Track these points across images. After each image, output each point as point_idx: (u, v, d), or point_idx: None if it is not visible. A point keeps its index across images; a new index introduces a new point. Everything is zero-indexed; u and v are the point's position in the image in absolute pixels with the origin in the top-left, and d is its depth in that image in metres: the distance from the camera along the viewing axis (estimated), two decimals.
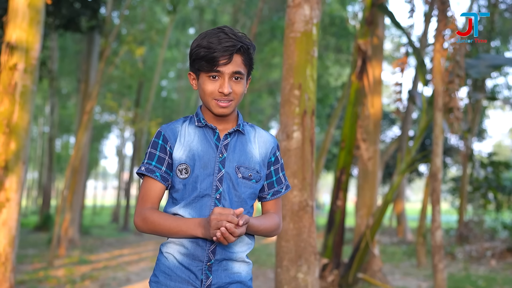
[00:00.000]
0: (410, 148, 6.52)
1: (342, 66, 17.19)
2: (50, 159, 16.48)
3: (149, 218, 1.63)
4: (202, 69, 1.64)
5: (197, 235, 1.59)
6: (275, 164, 1.78)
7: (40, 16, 4.33)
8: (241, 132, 1.73)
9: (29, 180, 34.02)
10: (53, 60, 14.83)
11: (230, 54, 1.61)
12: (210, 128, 1.70)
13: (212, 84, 1.64)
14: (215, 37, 1.62)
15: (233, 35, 1.63)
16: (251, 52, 1.68)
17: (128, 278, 7.25)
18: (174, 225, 1.61)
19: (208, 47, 1.61)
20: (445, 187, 16.88)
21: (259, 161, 1.73)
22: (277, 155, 1.79)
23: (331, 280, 5.93)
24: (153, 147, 1.69)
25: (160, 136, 1.69)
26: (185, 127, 1.71)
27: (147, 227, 1.64)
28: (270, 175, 1.77)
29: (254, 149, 1.74)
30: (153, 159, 1.67)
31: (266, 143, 1.77)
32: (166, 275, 1.65)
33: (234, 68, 1.63)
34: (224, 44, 1.60)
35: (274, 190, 1.78)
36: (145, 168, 1.66)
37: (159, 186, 1.66)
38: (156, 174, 1.65)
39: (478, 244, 10.75)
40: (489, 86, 15.48)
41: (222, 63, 1.61)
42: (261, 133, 1.79)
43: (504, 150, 40.90)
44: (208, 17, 18.17)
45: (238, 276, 1.68)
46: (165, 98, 22.84)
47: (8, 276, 4.01)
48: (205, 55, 1.61)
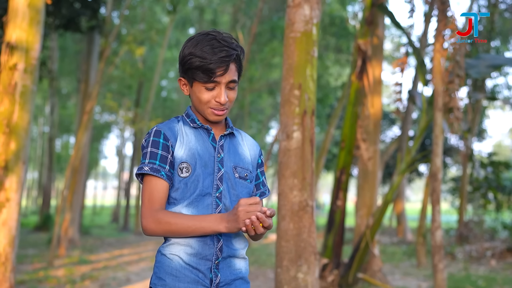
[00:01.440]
0: (410, 148, 6.52)
1: (342, 66, 17.19)
2: (50, 159, 16.49)
3: (164, 219, 1.58)
4: (198, 79, 1.63)
5: (220, 230, 1.55)
6: (261, 167, 1.84)
7: (40, 16, 4.33)
8: (233, 135, 1.77)
9: (29, 180, 34.03)
10: (53, 60, 14.83)
11: (227, 65, 1.61)
12: (205, 129, 1.72)
13: (208, 93, 1.65)
14: (208, 46, 1.60)
15: (225, 42, 1.62)
16: (242, 57, 1.69)
17: (128, 278, 7.25)
18: (191, 223, 1.57)
19: (202, 57, 1.59)
20: (445, 187, 16.88)
21: (251, 162, 1.78)
22: (262, 158, 1.86)
23: (331, 280, 5.93)
24: (154, 147, 1.64)
25: (161, 135, 1.66)
26: (181, 127, 1.72)
27: (161, 229, 1.58)
28: (257, 177, 1.82)
29: (245, 151, 1.78)
30: (156, 158, 1.63)
31: (253, 145, 1.83)
32: (173, 276, 1.61)
33: (230, 77, 1.64)
34: (219, 54, 1.59)
35: (261, 191, 1.82)
36: (150, 168, 1.61)
37: (165, 186, 1.63)
38: (162, 173, 1.62)
39: (478, 244, 10.75)
40: (489, 86, 15.48)
41: (219, 74, 1.61)
42: (247, 137, 1.84)
43: (504, 150, 40.91)
44: (208, 17, 18.17)
45: (240, 272, 1.71)
46: (165, 98, 22.84)
47: (8, 276, 4.01)
48: (200, 66, 1.60)
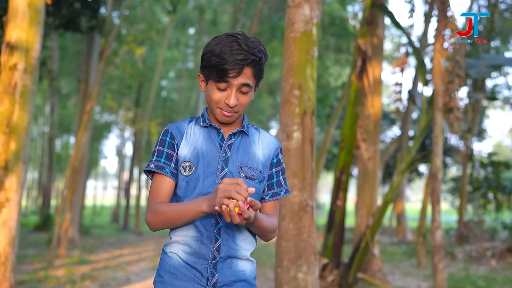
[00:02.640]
0: (410, 148, 6.52)
1: (342, 66, 17.19)
2: (50, 159, 16.49)
3: (159, 210, 1.63)
4: (212, 77, 1.64)
5: (203, 210, 1.54)
6: (277, 166, 1.79)
7: (40, 16, 4.33)
8: (245, 133, 1.75)
9: (29, 180, 34.04)
10: (53, 60, 14.83)
11: (241, 68, 1.60)
12: (214, 128, 1.72)
13: (219, 93, 1.65)
14: (228, 47, 1.59)
15: (246, 46, 1.60)
16: (263, 62, 1.67)
17: (128, 278, 7.25)
18: (180, 208, 1.60)
19: (220, 57, 1.59)
20: (445, 187, 16.88)
21: (262, 162, 1.74)
22: (280, 158, 1.80)
23: (331, 280, 5.93)
24: (161, 145, 1.70)
25: (168, 134, 1.71)
26: (191, 127, 1.74)
27: (158, 219, 1.62)
28: (271, 176, 1.78)
29: (257, 150, 1.75)
30: (162, 156, 1.68)
31: (269, 144, 1.78)
32: (171, 274, 1.66)
33: (243, 80, 1.63)
34: (236, 56, 1.58)
35: (273, 192, 1.77)
36: (155, 165, 1.67)
37: (170, 182, 1.67)
38: (166, 171, 1.66)
39: (478, 244, 10.74)
40: (489, 86, 15.48)
41: (232, 76, 1.61)
42: (265, 136, 1.80)
43: (504, 150, 40.92)
44: (208, 17, 18.17)
45: (243, 274, 1.71)
46: (165, 98, 22.85)
47: (8, 276, 4.01)
48: (215, 65, 1.60)
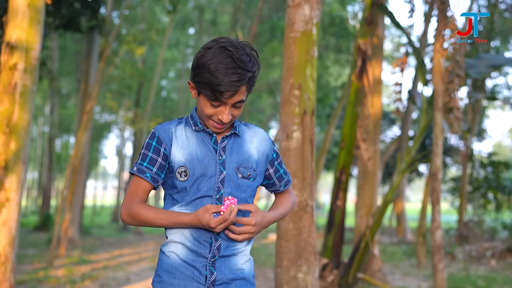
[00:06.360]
0: (410, 148, 6.52)
1: (342, 66, 17.19)
2: (50, 159, 16.48)
3: (136, 213, 1.66)
4: (205, 95, 1.61)
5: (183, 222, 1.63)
6: (278, 158, 1.84)
7: (40, 16, 4.32)
8: (237, 134, 1.75)
9: (29, 180, 34.02)
10: (53, 60, 14.83)
11: (236, 89, 1.58)
12: (207, 132, 1.72)
13: (213, 109, 1.63)
14: (222, 64, 1.54)
15: (240, 62, 1.56)
16: (256, 75, 1.65)
17: (128, 278, 7.25)
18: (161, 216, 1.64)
19: (214, 76, 1.54)
20: (445, 187, 16.88)
21: (257, 158, 1.76)
22: (276, 150, 1.85)
23: (331, 280, 5.93)
24: (147, 149, 1.70)
25: (154, 137, 1.70)
26: (181, 130, 1.72)
27: (133, 221, 1.67)
28: (277, 170, 1.84)
29: (251, 148, 1.76)
30: (145, 160, 1.69)
31: (263, 140, 1.80)
32: (169, 273, 1.66)
33: (237, 98, 1.61)
34: (231, 77, 1.54)
35: (285, 181, 1.86)
36: (137, 168, 1.70)
37: (147, 186, 1.70)
38: (146, 175, 1.68)
39: (478, 244, 10.74)
40: (489, 86, 15.48)
41: (227, 97, 1.59)
42: (256, 130, 1.81)
43: (504, 150, 40.89)
44: (208, 17, 18.16)
45: (241, 272, 1.71)
46: (165, 98, 22.83)
47: (8, 276, 4.01)
48: (209, 84, 1.56)
